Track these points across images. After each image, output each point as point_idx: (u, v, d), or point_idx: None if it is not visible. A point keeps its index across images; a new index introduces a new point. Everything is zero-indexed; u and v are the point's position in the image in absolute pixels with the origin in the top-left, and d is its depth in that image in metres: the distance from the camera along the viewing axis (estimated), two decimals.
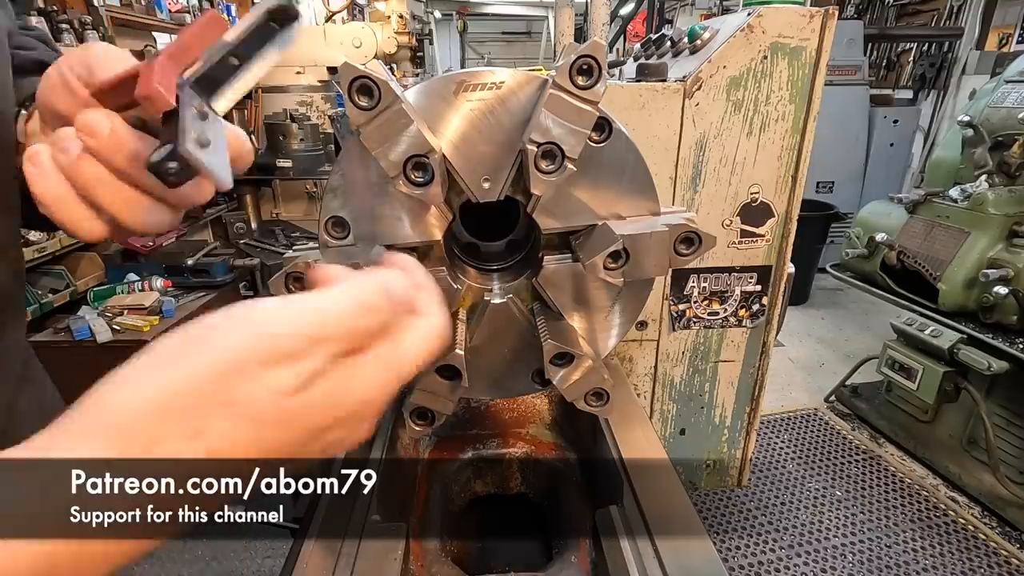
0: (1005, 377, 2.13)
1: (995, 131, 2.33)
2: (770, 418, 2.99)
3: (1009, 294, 2.06)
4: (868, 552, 2.16)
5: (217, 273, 2.69)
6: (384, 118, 0.55)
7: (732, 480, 1.53)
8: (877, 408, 2.91)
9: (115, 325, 2.21)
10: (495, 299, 0.70)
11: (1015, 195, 2.18)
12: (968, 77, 4.77)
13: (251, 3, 4.68)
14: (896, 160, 4.69)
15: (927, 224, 2.41)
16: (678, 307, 1.32)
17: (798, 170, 1.23)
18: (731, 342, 1.37)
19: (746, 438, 1.48)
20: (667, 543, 0.65)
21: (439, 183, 0.59)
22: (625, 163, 0.64)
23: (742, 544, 2.20)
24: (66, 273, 2.37)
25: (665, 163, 1.20)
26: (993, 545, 2.18)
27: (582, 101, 0.58)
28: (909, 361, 2.49)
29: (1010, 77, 2.44)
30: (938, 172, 2.63)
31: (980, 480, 2.39)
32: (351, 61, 0.54)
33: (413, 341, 0.33)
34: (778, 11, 1.11)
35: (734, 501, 2.41)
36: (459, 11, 9.56)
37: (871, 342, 3.64)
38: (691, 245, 0.63)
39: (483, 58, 12.41)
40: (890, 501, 2.42)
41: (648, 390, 1.41)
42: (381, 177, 0.60)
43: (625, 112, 1.14)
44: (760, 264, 1.30)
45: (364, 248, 0.64)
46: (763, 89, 1.16)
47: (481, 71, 0.62)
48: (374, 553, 0.67)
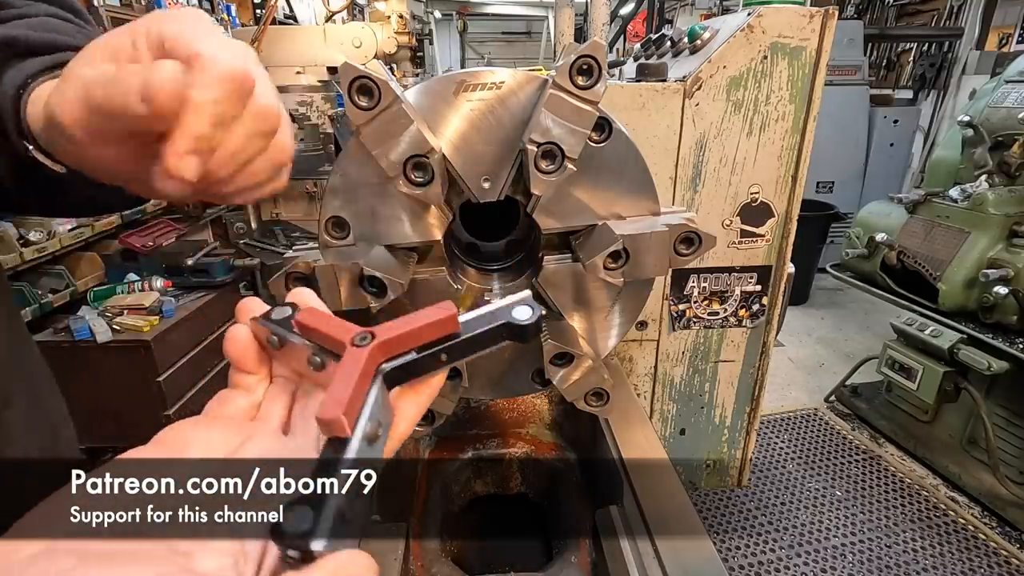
0: (1005, 377, 2.13)
1: (995, 131, 2.33)
2: (770, 418, 2.99)
3: (1009, 294, 2.06)
4: (868, 552, 2.16)
5: (217, 273, 2.69)
6: (384, 118, 0.55)
7: (732, 480, 1.53)
8: (877, 408, 2.91)
9: (115, 325, 2.21)
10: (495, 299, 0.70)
11: (1015, 195, 2.18)
12: (968, 77, 4.77)
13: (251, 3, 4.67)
14: (896, 160, 4.69)
15: (927, 224, 2.41)
16: (678, 307, 1.32)
17: (798, 170, 1.23)
18: (731, 342, 1.37)
19: (746, 438, 1.48)
20: (667, 543, 0.65)
21: (439, 183, 0.59)
22: (625, 163, 0.64)
23: (742, 544, 2.20)
24: (66, 273, 2.37)
25: (665, 163, 1.20)
26: (993, 545, 2.18)
27: (582, 101, 0.58)
28: (909, 361, 2.49)
29: (1010, 77, 2.44)
30: (938, 172, 2.63)
31: (980, 480, 2.39)
32: (351, 61, 0.54)
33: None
34: (778, 11, 1.11)
35: (734, 501, 2.41)
36: (459, 11, 9.56)
37: (871, 342, 3.64)
38: (691, 245, 0.63)
39: (483, 58, 12.41)
40: (890, 501, 2.42)
41: (648, 390, 1.41)
42: (381, 177, 0.60)
43: (625, 112, 1.14)
44: (760, 264, 1.30)
45: (364, 248, 0.64)
46: (763, 89, 1.16)
47: (481, 71, 0.62)
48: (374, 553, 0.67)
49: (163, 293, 2.47)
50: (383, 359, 0.31)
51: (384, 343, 0.31)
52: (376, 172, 0.60)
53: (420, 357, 0.32)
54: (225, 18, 3.60)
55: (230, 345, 0.35)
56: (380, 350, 0.31)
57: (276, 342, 0.34)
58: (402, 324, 0.32)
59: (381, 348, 0.31)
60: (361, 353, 0.30)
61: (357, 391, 0.28)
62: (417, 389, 0.34)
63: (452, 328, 0.33)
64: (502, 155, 0.63)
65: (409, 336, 0.32)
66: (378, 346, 0.30)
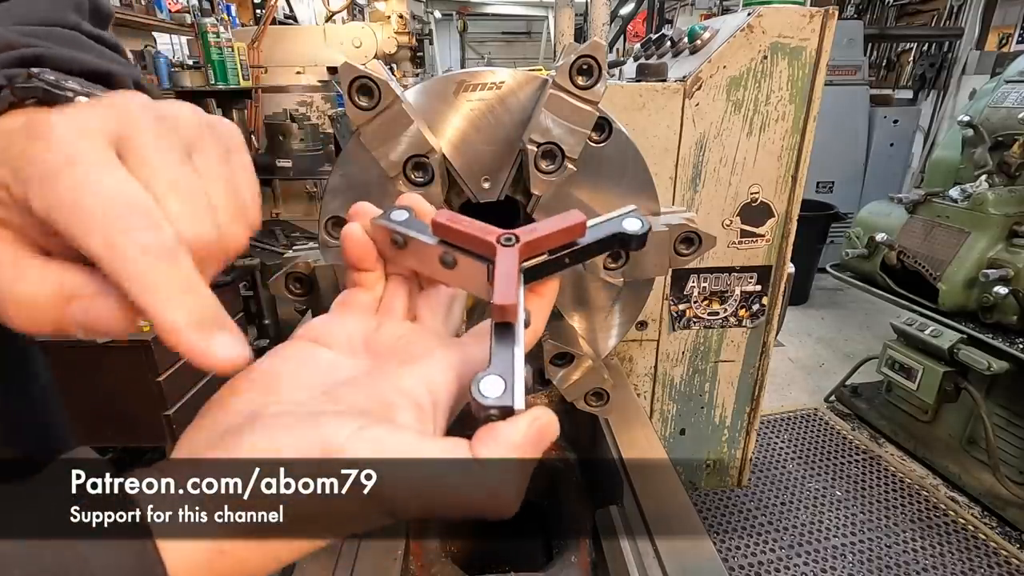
0: (1005, 377, 2.13)
1: (995, 131, 2.33)
2: (770, 418, 2.99)
3: (1009, 294, 2.06)
4: (868, 552, 2.16)
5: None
6: (384, 118, 0.55)
7: (732, 480, 1.53)
8: (877, 408, 2.91)
9: None
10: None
11: (1015, 195, 2.18)
12: (968, 77, 4.77)
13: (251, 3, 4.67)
14: (896, 160, 4.69)
15: (927, 224, 2.41)
16: (678, 307, 1.32)
17: (798, 170, 1.23)
18: (731, 342, 1.37)
19: (746, 438, 1.48)
20: (667, 543, 0.65)
21: (439, 183, 0.59)
22: (625, 163, 0.64)
23: (742, 544, 2.20)
24: None
25: (665, 163, 1.20)
26: (993, 545, 2.18)
27: (582, 101, 0.58)
28: (909, 361, 2.49)
29: (1010, 77, 2.44)
30: (938, 172, 2.63)
31: (980, 480, 2.39)
32: (351, 61, 0.54)
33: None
34: (778, 11, 1.11)
35: (734, 501, 2.41)
36: (459, 11, 9.56)
37: (871, 342, 3.64)
38: (691, 245, 0.63)
39: (483, 58, 12.41)
40: (890, 501, 2.42)
41: (648, 390, 1.41)
42: (381, 177, 0.60)
43: (625, 112, 1.14)
44: (760, 264, 1.30)
45: None
46: (763, 89, 1.16)
47: (481, 71, 0.62)
48: (374, 553, 0.67)
49: None
50: (524, 259, 0.34)
51: (527, 244, 0.34)
52: (376, 172, 0.60)
53: (551, 259, 0.35)
54: (225, 18, 3.60)
55: (350, 245, 0.36)
56: (524, 250, 0.34)
57: (401, 241, 0.36)
58: (540, 228, 0.35)
59: (525, 248, 0.34)
60: (513, 252, 0.33)
61: (517, 283, 0.32)
62: (540, 291, 0.37)
63: (580, 234, 0.35)
64: (502, 155, 0.63)
65: (547, 239, 0.34)
66: (523, 246, 0.33)
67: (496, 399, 0.27)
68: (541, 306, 0.37)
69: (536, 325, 0.36)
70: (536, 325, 0.36)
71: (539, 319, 0.37)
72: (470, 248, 0.34)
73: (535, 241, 0.34)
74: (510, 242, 0.33)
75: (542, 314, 0.37)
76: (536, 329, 0.36)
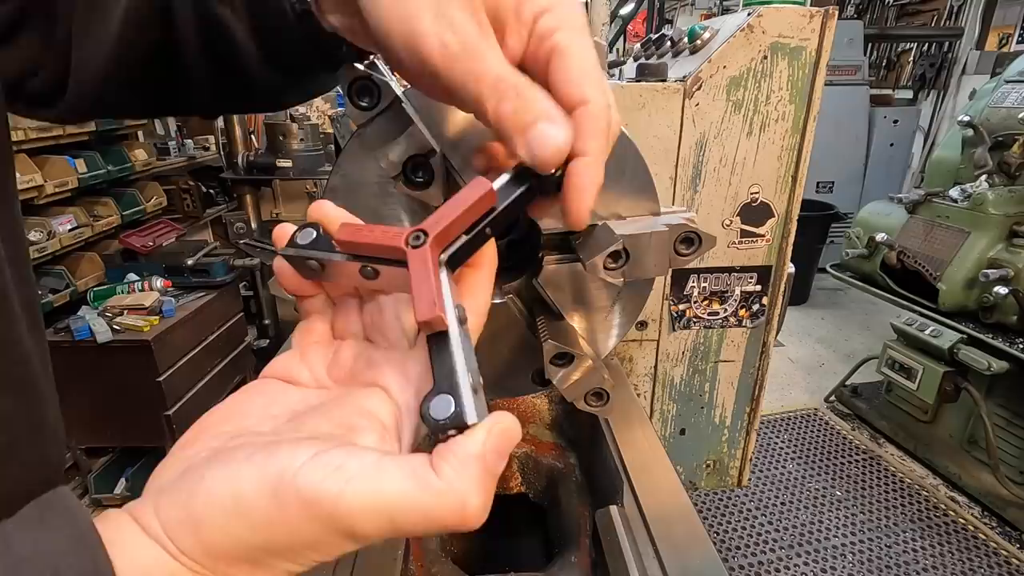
0: (1005, 377, 2.14)
1: (995, 131, 2.33)
2: (770, 418, 2.99)
3: (1009, 294, 2.06)
4: (868, 552, 2.16)
5: (217, 273, 2.69)
6: (384, 118, 0.55)
7: (732, 480, 1.53)
8: (877, 408, 2.91)
9: (115, 325, 2.21)
10: (495, 299, 0.70)
11: (1015, 195, 2.18)
12: (968, 77, 4.77)
13: None
14: (896, 160, 4.70)
15: (927, 224, 2.41)
16: (678, 307, 1.32)
17: (798, 170, 1.23)
18: (731, 342, 1.37)
19: (746, 438, 1.48)
20: (667, 543, 0.65)
21: (439, 183, 0.59)
22: (625, 163, 0.64)
23: (742, 544, 2.20)
24: (66, 273, 2.37)
25: (665, 163, 1.20)
26: (993, 545, 2.18)
27: None
28: (909, 361, 2.50)
29: (1010, 77, 2.44)
30: (938, 172, 2.63)
31: (980, 480, 2.39)
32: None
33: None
34: (778, 11, 1.11)
35: (734, 501, 2.41)
36: None
37: (871, 342, 3.64)
38: (691, 245, 0.63)
39: None
40: (890, 501, 2.42)
41: (648, 390, 1.41)
42: (381, 177, 0.60)
43: (625, 112, 1.14)
44: (760, 264, 1.30)
45: None
46: (763, 89, 1.16)
47: None
48: (374, 553, 0.67)
49: (163, 293, 2.47)
50: (440, 250, 0.32)
51: (438, 236, 0.32)
52: (376, 172, 0.60)
53: (470, 238, 0.33)
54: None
55: (282, 280, 0.35)
56: (436, 244, 0.32)
57: (317, 267, 0.34)
58: (447, 213, 0.32)
59: (437, 242, 0.32)
60: (424, 252, 0.31)
61: (437, 287, 0.30)
62: (475, 265, 0.35)
63: (491, 202, 0.33)
64: None
65: (458, 221, 0.32)
66: (434, 241, 0.31)
67: (447, 418, 0.26)
68: (480, 279, 0.35)
69: (481, 301, 0.34)
70: (481, 301, 0.34)
71: (481, 299, 0.35)
72: (382, 257, 0.33)
73: (446, 229, 0.32)
74: (419, 240, 0.31)
75: (484, 288, 0.35)
76: (479, 310, 0.34)
